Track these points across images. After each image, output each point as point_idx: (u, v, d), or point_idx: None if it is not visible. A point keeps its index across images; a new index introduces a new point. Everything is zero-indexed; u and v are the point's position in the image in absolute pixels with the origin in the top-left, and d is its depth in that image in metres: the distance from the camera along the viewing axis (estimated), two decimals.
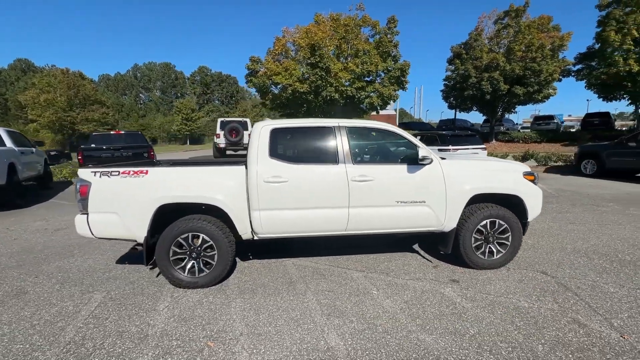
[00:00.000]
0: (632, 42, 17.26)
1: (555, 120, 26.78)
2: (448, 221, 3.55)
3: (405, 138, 3.66)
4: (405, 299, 3.06)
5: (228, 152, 14.91)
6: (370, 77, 14.12)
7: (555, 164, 13.97)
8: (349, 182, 3.40)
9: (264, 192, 3.32)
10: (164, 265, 3.27)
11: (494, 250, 3.65)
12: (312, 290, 3.26)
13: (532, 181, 3.73)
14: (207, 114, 61.08)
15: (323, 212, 3.43)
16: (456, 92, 22.21)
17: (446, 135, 10.50)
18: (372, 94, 13.97)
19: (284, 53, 15.94)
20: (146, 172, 3.26)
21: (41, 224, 5.91)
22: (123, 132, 10.77)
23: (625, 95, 19.56)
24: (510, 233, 3.61)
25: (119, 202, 3.25)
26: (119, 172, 3.25)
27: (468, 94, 20.51)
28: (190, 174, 3.39)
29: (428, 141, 10.77)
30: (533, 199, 3.67)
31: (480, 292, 3.16)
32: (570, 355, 2.25)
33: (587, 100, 66.35)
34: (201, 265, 3.34)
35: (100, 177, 3.24)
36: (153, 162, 5.11)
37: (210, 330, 2.62)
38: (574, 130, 29.13)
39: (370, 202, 3.46)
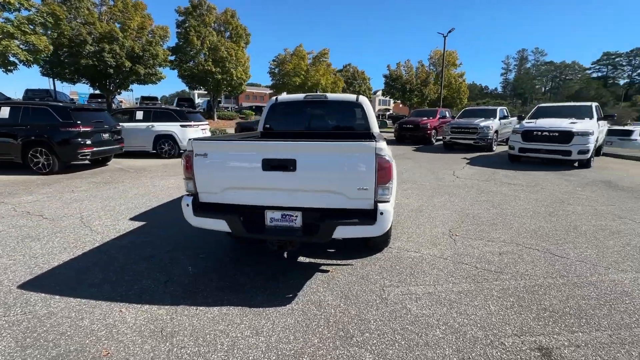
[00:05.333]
0: (207, 50, 23.98)
1: None
2: None
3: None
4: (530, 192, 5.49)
5: None
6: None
7: None
8: None
9: None
10: None
11: None
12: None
13: None
14: None
15: None
16: (64, 59, 17.97)
17: (182, 112, 10.30)
18: (16, 40, 8.57)
19: None
20: None
21: None
22: None
23: (203, 87, 26.65)
24: None
25: None
26: None
27: (86, 63, 17.67)
28: None
29: (163, 118, 9.91)
30: None
31: (470, 178, 6.26)
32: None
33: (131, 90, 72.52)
34: None
35: None
36: None
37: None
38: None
39: None
